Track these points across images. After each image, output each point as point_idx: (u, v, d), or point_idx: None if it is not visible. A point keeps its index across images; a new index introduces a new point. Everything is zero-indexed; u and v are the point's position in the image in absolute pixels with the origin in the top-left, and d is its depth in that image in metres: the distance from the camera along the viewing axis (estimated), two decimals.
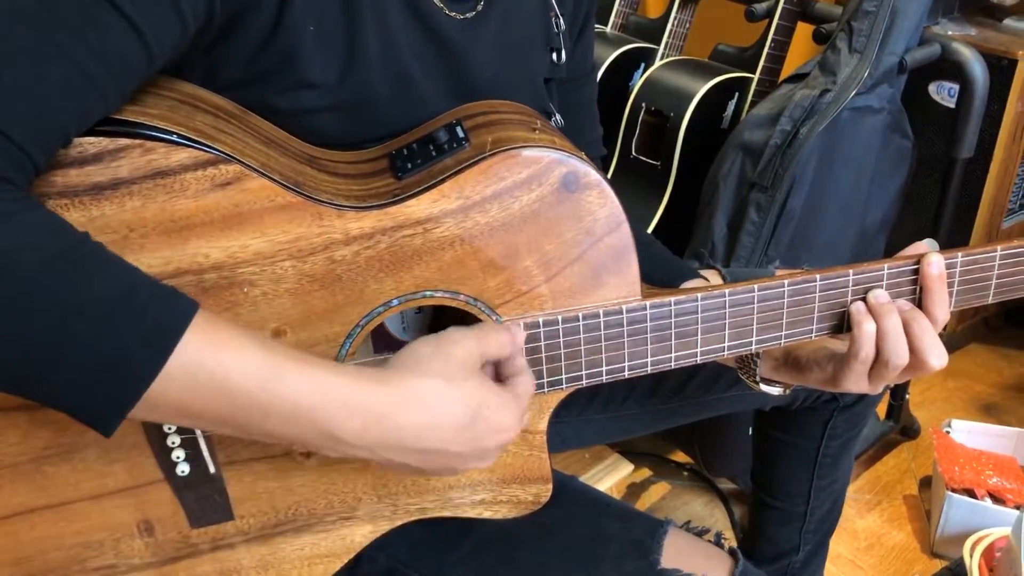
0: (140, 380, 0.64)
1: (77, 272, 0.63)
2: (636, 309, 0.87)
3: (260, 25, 0.78)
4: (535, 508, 0.95)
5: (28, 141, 0.64)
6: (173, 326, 0.65)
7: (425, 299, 0.82)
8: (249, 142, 0.77)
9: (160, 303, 0.65)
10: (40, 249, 0.62)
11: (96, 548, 0.82)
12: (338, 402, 0.71)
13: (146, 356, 0.64)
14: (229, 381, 0.67)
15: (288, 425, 0.70)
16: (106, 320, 0.63)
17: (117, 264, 0.65)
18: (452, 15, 0.89)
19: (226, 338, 0.68)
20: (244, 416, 0.69)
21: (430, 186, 0.79)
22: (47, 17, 0.65)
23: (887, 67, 1.67)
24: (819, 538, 1.46)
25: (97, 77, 0.67)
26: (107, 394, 0.64)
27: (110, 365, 0.63)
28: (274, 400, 0.69)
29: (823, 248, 1.75)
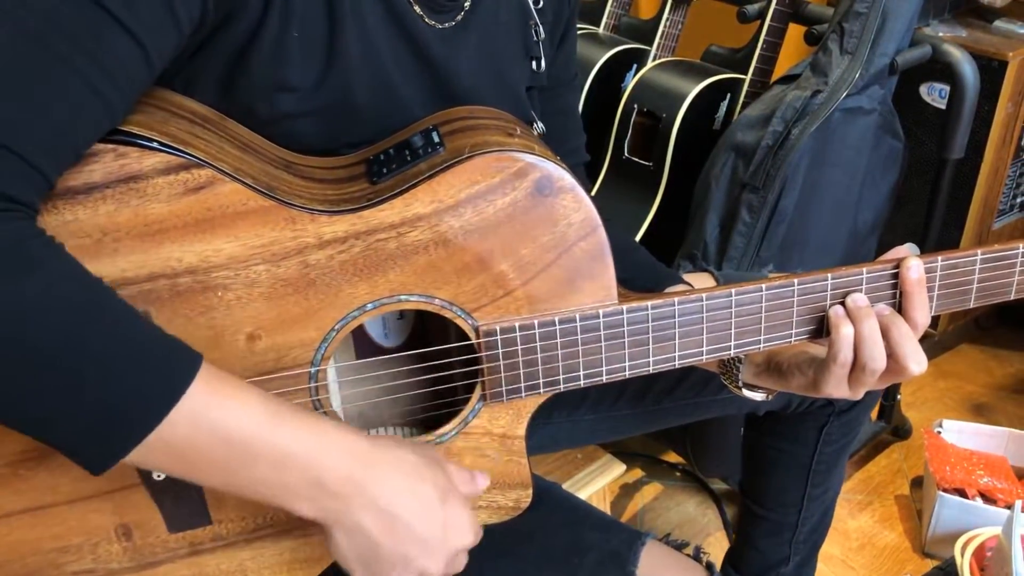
0: (141, 429, 0.66)
1: (92, 323, 0.65)
2: (613, 314, 0.87)
3: (242, 30, 0.79)
4: (515, 514, 0.95)
5: (45, 163, 0.66)
6: (179, 378, 0.67)
7: (400, 303, 0.82)
8: (224, 147, 0.78)
9: (168, 355, 0.68)
10: (67, 301, 0.64)
11: (74, 552, 0.82)
12: (331, 446, 0.74)
13: (150, 407, 0.66)
14: (230, 431, 0.70)
15: (278, 471, 0.72)
16: (116, 370, 0.65)
17: (128, 314, 0.68)
18: (432, 24, 0.90)
19: (229, 390, 0.70)
20: (236, 464, 0.71)
21: (403, 190, 0.79)
22: (54, 35, 0.66)
23: (878, 68, 1.66)
24: (809, 548, 1.45)
25: (105, 92, 0.68)
26: (108, 438, 0.66)
27: (114, 414, 0.65)
28: (270, 446, 0.71)
29: (815, 248, 1.75)
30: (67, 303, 0.64)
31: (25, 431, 0.66)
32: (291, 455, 0.72)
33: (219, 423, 0.69)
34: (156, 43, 0.71)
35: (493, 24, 0.96)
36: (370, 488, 0.75)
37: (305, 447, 0.72)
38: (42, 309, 0.62)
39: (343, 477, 0.74)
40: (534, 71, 1.02)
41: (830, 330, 0.91)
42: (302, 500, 0.74)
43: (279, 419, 0.72)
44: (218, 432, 0.69)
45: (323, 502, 0.74)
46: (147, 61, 0.71)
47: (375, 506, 0.75)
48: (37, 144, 0.65)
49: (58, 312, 0.63)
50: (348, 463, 0.74)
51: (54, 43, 0.66)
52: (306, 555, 0.90)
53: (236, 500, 0.85)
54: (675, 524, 1.96)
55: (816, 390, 0.94)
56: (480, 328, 0.85)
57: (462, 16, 0.92)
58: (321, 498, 0.74)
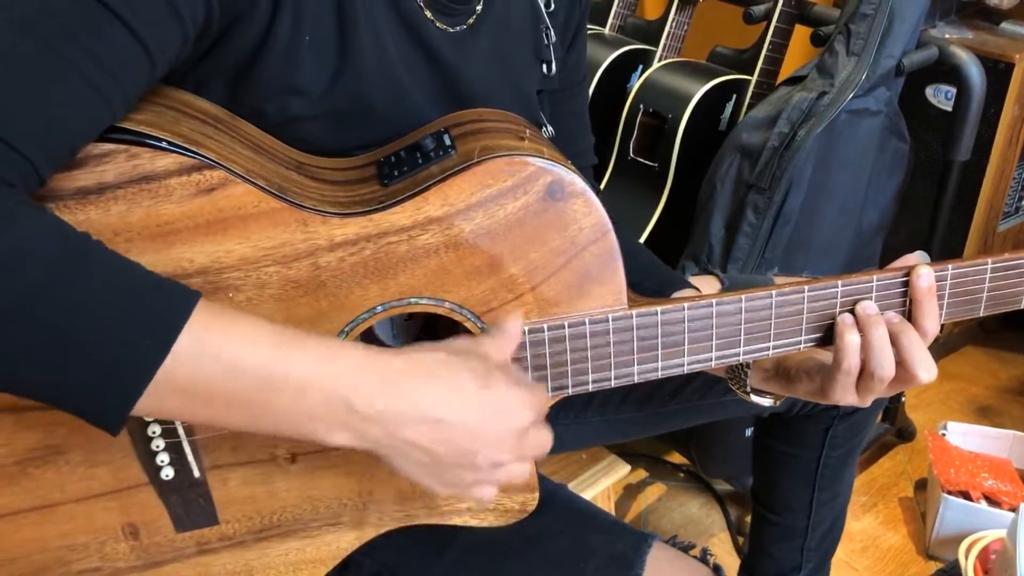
0: (144, 372, 0.64)
1: (80, 273, 0.63)
2: (622, 318, 0.87)
3: (252, 33, 0.78)
4: (522, 517, 0.95)
5: (37, 156, 0.65)
6: (175, 315, 0.64)
7: (410, 306, 0.82)
8: (235, 148, 0.78)
9: (162, 294, 0.65)
10: (45, 253, 0.62)
11: (81, 551, 0.83)
12: (351, 366, 0.70)
13: (148, 347, 0.64)
14: (237, 361, 0.66)
15: (300, 399, 0.68)
16: (110, 316, 0.63)
17: (117, 261, 0.65)
18: (443, 28, 0.90)
19: (231, 321, 0.67)
20: (253, 396, 0.67)
21: (415, 193, 0.79)
22: (52, 29, 0.65)
23: (884, 70, 1.66)
24: (821, 556, 1.45)
25: (103, 87, 0.68)
26: (113, 388, 0.64)
27: (114, 361, 0.63)
28: (285, 373, 0.68)
29: (820, 250, 1.75)
30: (48, 253, 0.62)
31: (33, 393, 0.65)
32: (311, 381, 0.68)
33: (225, 353, 0.66)
34: (157, 39, 0.70)
35: (504, 28, 0.96)
36: (403, 402, 0.71)
37: (324, 371, 0.68)
38: (19, 262, 0.61)
39: (370, 396, 0.70)
40: (544, 74, 1.02)
41: (836, 338, 0.90)
42: (336, 429, 0.70)
43: (291, 345, 0.68)
44: (227, 365, 0.66)
45: (361, 430, 0.71)
46: (148, 57, 0.70)
47: (414, 418, 0.71)
48: (25, 132, 0.64)
49: (41, 263, 0.61)
50: (373, 382, 0.70)
51: (49, 35, 0.65)
52: (311, 555, 0.90)
53: (244, 501, 0.85)
54: (679, 525, 1.96)
55: (824, 396, 0.94)
56: None
57: (473, 20, 0.92)
58: (355, 424, 0.70)
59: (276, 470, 0.84)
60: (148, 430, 0.79)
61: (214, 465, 0.83)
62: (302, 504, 0.87)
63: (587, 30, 1.13)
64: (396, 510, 0.90)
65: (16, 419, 0.77)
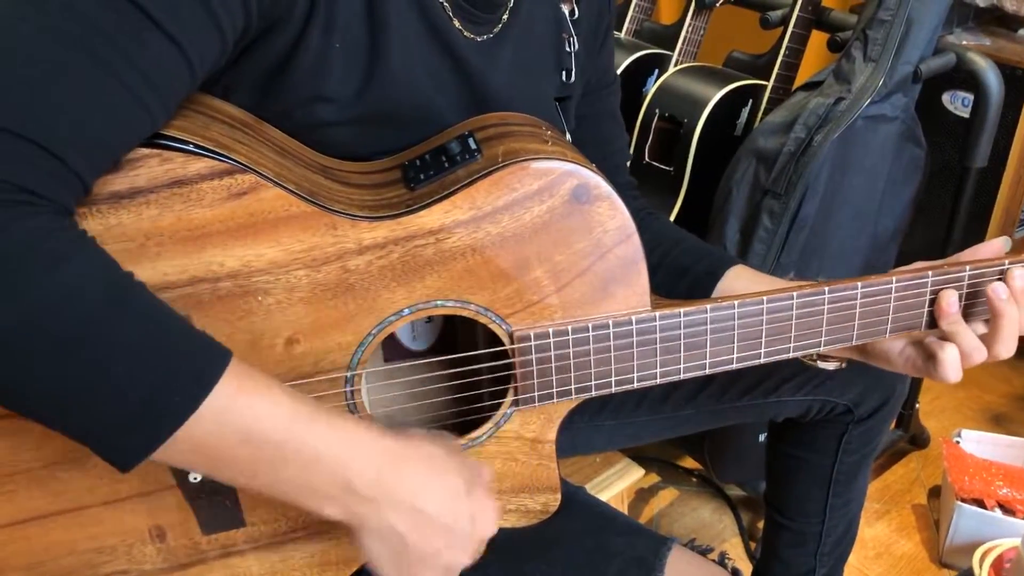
0: (169, 424, 0.66)
1: (122, 316, 0.64)
2: (645, 320, 0.87)
3: (284, 40, 0.79)
4: (543, 518, 0.95)
5: (82, 166, 0.66)
6: (207, 373, 0.67)
7: (436, 309, 0.83)
8: (264, 152, 0.78)
9: (195, 351, 0.67)
10: (92, 295, 0.63)
11: (109, 553, 0.83)
12: (360, 448, 0.74)
13: (179, 402, 0.66)
14: (256, 427, 0.69)
15: (303, 473, 0.72)
16: (145, 363, 0.65)
17: (157, 309, 0.67)
18: (470, 37, 0.91)
19: (257, 387, 0.70)
20: (264, 463, 0.71)
21: (442, 197, 0.79)
22: (95, 38, 0.66)
23: (902, 76, 1.66)
24: (834, 561, 1.45)
25: (145, 97, 0.68)
26: (135, 436, 0.66)
27: (144, 406, 0.65)
28: (299, 447, 0.71)
29: (835, 255, 1.75)
30: (95, 296, 0.63)
31: (53, 426, 0.66)
32: (320, 457, 0.72)
33: (247, 421, 0.68)
34: (197, 48, 0.71)
35: (527, 36, 0.97)
36: (399, 488, 0.75)
37: (335, 449, 0.72)
38: (69, 302, 0.62)
39: (372, 479, 0.74)
40: (564, 82, 1.03)
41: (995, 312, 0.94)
42: (330, 503, 0.74)
43: (307, 419, 0.71)
44: (245, 430, 0.69)
45: (352, 506, 0.74)
46: (189, 68, 0.71)
47: (404, 505, 0.75)
48: (70, 143, 0.64)
49: (85, 305, 0.63)
50: (377, 465, 0.74)
51: (94, 46, 0.65)
52: (336, 557, 0.90)
53: (270, 503, 0.85)
54: (691, 530, 1.96)
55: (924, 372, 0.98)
56: (514, 333, 0.85)
57: (499, 28, 0.93)
58: (350, 501, 0.74)
59: None
60: None
61: None
62: None
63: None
64: None
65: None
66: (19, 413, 0.66)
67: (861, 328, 0.94)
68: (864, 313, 0.93)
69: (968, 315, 0.96)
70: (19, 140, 0.62)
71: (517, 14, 0.94)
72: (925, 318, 0.96)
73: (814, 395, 1.25)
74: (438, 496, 0.77)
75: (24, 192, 0.62)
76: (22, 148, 0.62)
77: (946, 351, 0.94)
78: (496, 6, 0.92)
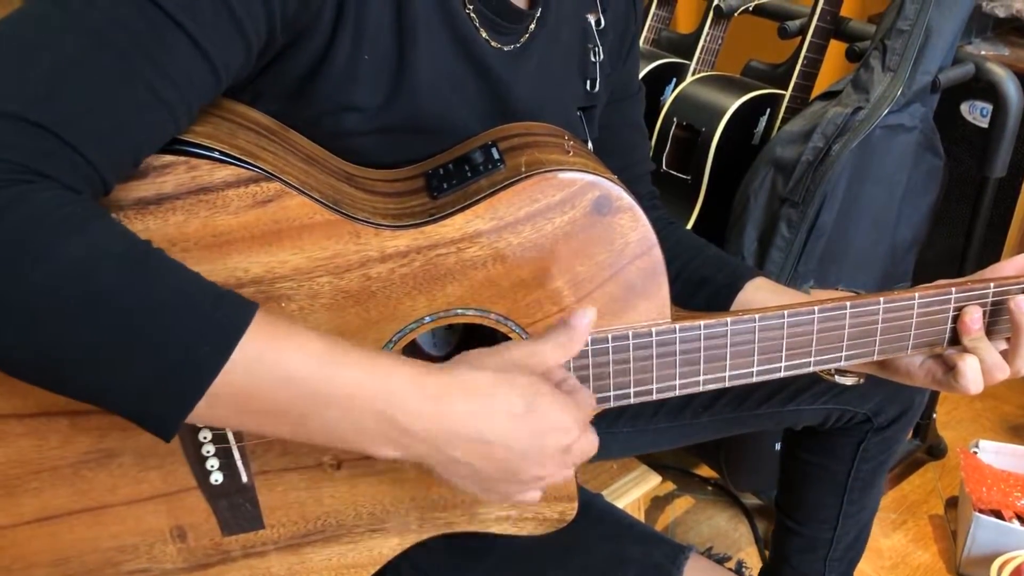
0: (202, 377, 0.65)
1: (145, 277, 0.64)
2: (666, 332, 0.88)
3: (313, 50, 0.79)
4: (560, 526, 0.96)
5: (101, 161, 0.66)
6: (235, 324, 0.66)
7: (457, 317, 0.83)
8: (289, 159, 0.79)
9: (222, 304, 0.66)
10: (113, 256, 0.63)
11: (130, 552, 0.84)
12: (398, 384, 0.71)
13: (208, 354, 0.65)
14: (290, 372, 0.67)
15: (347, 413, 0.70)
16: (170, 322, 0.64)
17: (180, 269, 0.67)
18: (497, 47, 0.91)
19: (286, 332, 0.68)
20: (303, 407, 0.69)
21: (465, 206, 0.80)
22: (121, 40, 0.66)
23: (920, 86, 1.66)
24: (845, 567, 1.45)
25: (168, 98, 0.69)
26: (170, 394, 0.65)
27: (174, 365, 0.64)
28: (334, 387, 0.69)
29: (853, 265, 1.75)
30: (115, 259, 0.63)
31: (90, 396, 0.66)
32: (358, 396, 0.69)
33: (279, 366, 0.67)
34: (221, 54, 0.71)
35: (553, 46, 0.97)
36: (448, 421, 0.72)
37: (371, 386, 0.70)
38: (90, 265, 0.62)
39: (416, 415, 0.71)
40: (588, 91, 1.04)
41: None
42: (383, 443, 0.72)
43: (341, 359, 0.69)
44: (279, 375, 0.67)
45: (406, 444, 0.72)
46: (213, 71, 0.71)
47: (460, 437, 0.73)
48: (90, 137, 0.65)
49: (107, 268, 0.62)
50: (419, 399, 0.71)
51: (119, 45, 0.66)
52: (354, 560, 0.91)
53: (289, 505, 0.86)
54: (706, 538, 1.96)
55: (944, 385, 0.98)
56: None
57: (526, 38, 0.94)
58: (402, 440, 0.72)
59: (322, 476, 0.86)
60: (199, 435, 0.81)
61: (262, 470, 0.84)
62: (346, 510, 0.88)
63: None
64: (438, 517, 0.91)
65: (71, 422, 0.78)
66: (55, 389, 0.66)
67: (882, 344, 0.94)
68: (886, 329, 0.93)
69: (990, 332, 0.96)
70: (33, 127, 0.63)
71: (544, 24, 0.95)
72: (948, 334, 0.96)
73: (833, 404, 1.25)
74: (494, 423, 0.74)
75: (37, 174, 0.63)
76: (35, 135, 0.63)
77: (967, 362, 0.94)
78: (523, 17, 0.93)
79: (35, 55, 0.65)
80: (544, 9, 0.95)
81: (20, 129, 0.62)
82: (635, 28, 1.11)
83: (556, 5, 0.96)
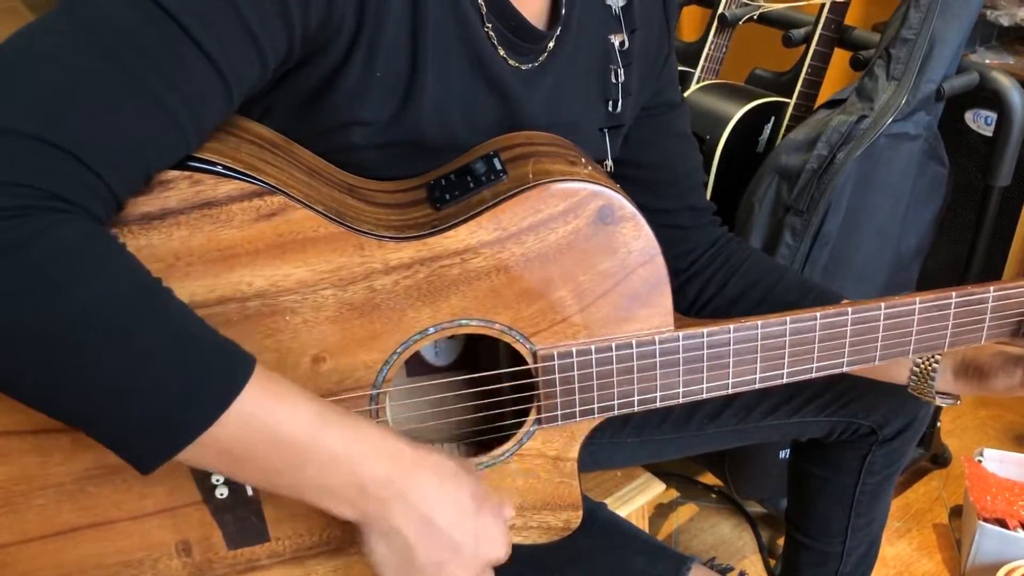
0: (196, 426, 0.67)
1: (152, 321, 0.65)
2: (669, 340, 0.88)
3: (326, 66, 0.79)
4: (565, 534, 0.96)
5: (116, 181, 0.66)
6: (234, 378, 0.68)
7: (461, 328, 0.83)
8: (293, 173, 0.79)
9: (222, 356, 0.68)
10: (130, 298, 0.64)
11: (135, 567, 0.84)
12: (375, 450, 0.74)
13: (204, 407, 0.67)
14: (280, 433, 0.70)
15: (324, 474, 0.73)
16: (175, 368, 0.65)
17: (187, 315, 0.68)
18: (514, 66, 0.91)
19: (281, 392, 0.71)
20: (284, 466, 0.72)
21: (468, 217, 0.80)
22: (134, 56, 0.66)
23: (924, 94, 1.66)
24: None
25: (181, 118, 0.69)
26: (163, 437, 0.66)
27: (170, 410, 0.65)
28: (317, 449, 0.72)
29: (858, 273, 1.75)
30: (130, 300, 0.64)
31: (77, 424, 0.66)
32: (336, 459, 0.73)
33: (270, 426, 0.69)
34: (236, 72, 0.71)
35: (572, 66, 0.97)
36: (409, 492, 0.76)
37: (350, 451, 0.73)
38: (108, 307, 0.63)
39: (384, 480, 0.75)
40: (609, 112, 1.03)
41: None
42: (344, 503, 0.75)
43: (327, 423, 0.72)
44: (269, 434, 0.70)
45: (363, 505, 0.75)
46: (226, 89, 0.71)
47: (413, 510, 0.76)
48: (103, 155, 0.65)
49: (122, 309, 0.64)
50: (389, 467, 0.75)
51: (132, 62, 0.66)
52: (359, 572, 0.91)
53: (294, 518, 0.86)
54: (710, 546, 1.95)
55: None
56: (538, 353, 0.86)
57: (544, 58, 0.93)
58: (361, 501, 0.75)
59: None
60: None
61: None
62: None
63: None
64: None
65: (73, 439, 0.78)
66: (46, 411, 0.66)
67: (884, 349, 0.94)
68: (887, 336, 0.94)
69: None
70: (52, 149, 0.63)
71: (563, 44, 0.95)
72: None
73: (838, 416, 1.25)
74: (447, 509, 0.78)
75: (58, 199, 0.63)
76: (55, 157, 0.63)
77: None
78: (542, 37, 0.92)
79: (49, 72, 0.65)
80: (564, 30, 0.94)
81: (37, 150, 0.62)
82: (669, 47, 1.10)
83: (577, 26, 0.96)
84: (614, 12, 1.00)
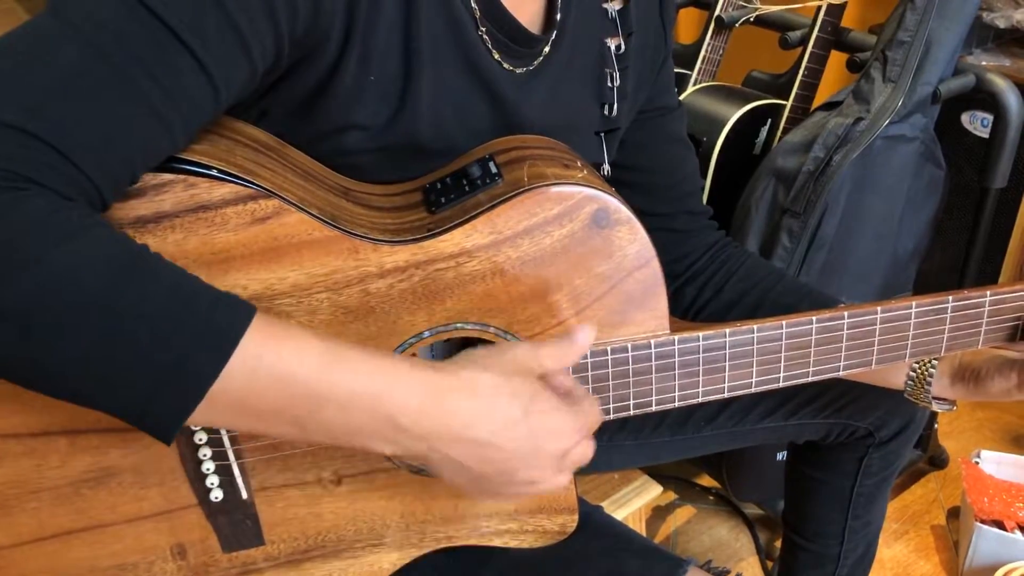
0: (202, 380, 0.65)
1: (141, 281, 0.64)
2: (664, 343, 0.88)
3: (319, 70, 0.79)
4: (560, 538, 0.96)
5: (97, 174, 0.66)
6: (234, 327, 0.66)
7: (456, 331, 0.83)
8: (287, 176, 0.79)
9: (220, 306, 0.66)
10: (105, 260, 0.63)
11: (131, 570, 0.84)
12: (396, 382, 0.71)
13: (208, 357, 0.65)
14: (288, 373, 0.67)
15: (346, 413, 0.70)
16: (169, 325, 0.64)
17: (177, 272, 0.67)
18: (509, 70, 0.91)
19: (285, 334, 0.68)
20: (301, 408, 0.69)
21: (463, 221, 0.80)
22: (122, 55, 0.66)
23: (921, 97, 1.67)
24: None
25: (166, 115, 0.69)
26: (169, 397, 0.65)
27: (173, 368, 0.64)
28: (333, 386, 0.69)
29: (855, 275, 1.75)
30: (108, 263, 0.63)
31: (91, 401, 0.65)
32: (355, 394, 0.69)
33: (277, 367, 0.67)
34: (224, 74, 0.71)
35: (567, 70, 0.97)
36: (446, 420, 0.72)
37: (369, 385, 0.70)
38: (83, 270, 0.62)
39: (415, 413, 0.71)
40: (604, 116, 1.03)
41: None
42: (380, 441, 0.72)
43: (338, 359, 0.69)
44: (278, 377, 0.67)
45: (403, 443, 0.72)
46: (214, 90, 0.71)
47: (456, 437, 0.73)
48: (85, 151, 0.65)
49: (100, 273, 0.62)
50: (418, 398, 0.71)
51: (119, 61, 0.66)
52: (355, 575, 0.91)
53: (289, 521, 0.86)
54: (708, 548, 1.95)
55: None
56: None
57: (539, 62, 0.93)
58: (400, 438, 0.72)
59: (322, 492, 0.86)
60: (199, 452, 0.81)
61: (262, 487, 0.84)
62: (346, 525, 0.88)
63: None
64: (438, 531, 0.91)
65: (70, 441, 0.78)
66: (52, 394, 0.65)
67: (880, 353, 0.94)
68: (883, 340, 0.94)
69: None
70: (32, 139, 0.63)
71: (558, 49, 0.94)
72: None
73: (835, 418, 1.25)
74: (490, 424, 0.74)
75: (31, 182, 0.63)
76: (34, 146, 0.63)
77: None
78: (537, 41, 0.92)
79: (35, 67, 0.65)
80: (559, 33, 0.94)
81: (17, 139, 0.63)
82: (667, 52, 1.10)
83: (572, 30, 0.95)
84: (610, 15, 1.01)
